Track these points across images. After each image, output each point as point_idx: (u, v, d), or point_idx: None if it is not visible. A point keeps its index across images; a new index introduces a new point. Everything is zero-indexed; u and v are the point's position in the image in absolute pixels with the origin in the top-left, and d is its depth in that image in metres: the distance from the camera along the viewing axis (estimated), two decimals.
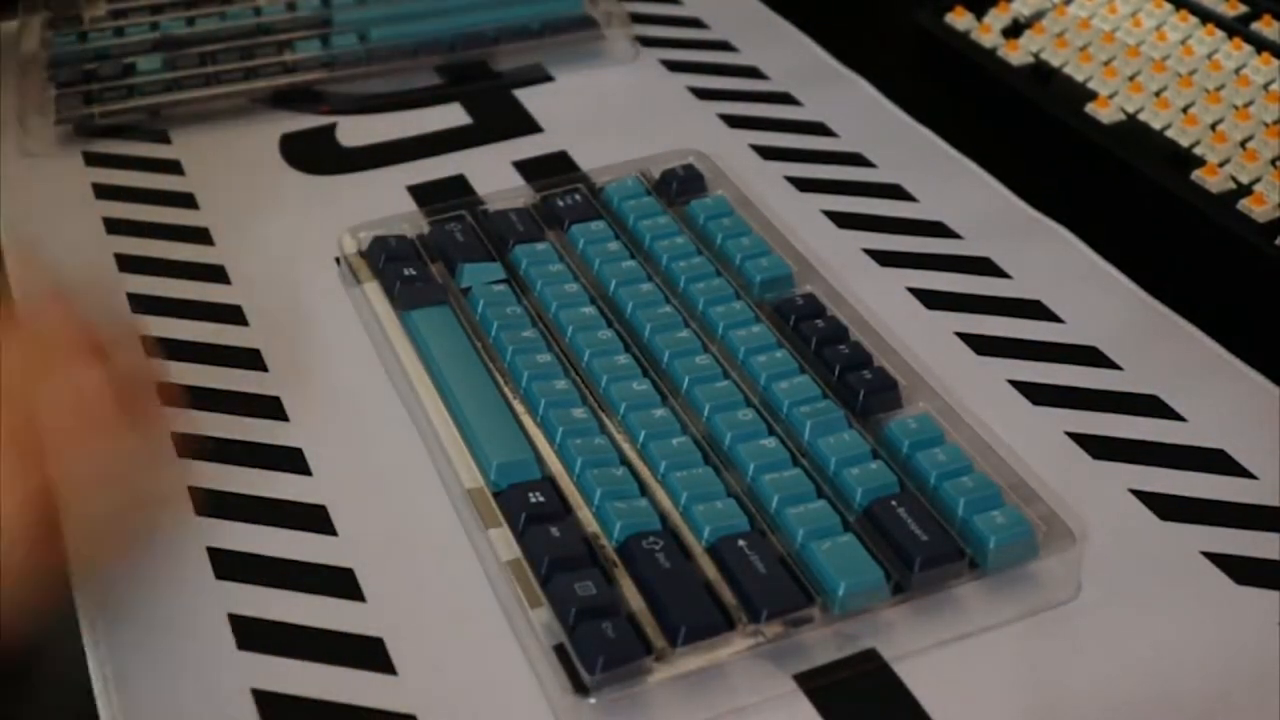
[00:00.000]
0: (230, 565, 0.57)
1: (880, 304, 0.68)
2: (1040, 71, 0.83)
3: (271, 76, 0.86)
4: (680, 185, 0.74)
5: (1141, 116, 0.78)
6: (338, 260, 0.71)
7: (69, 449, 0.50)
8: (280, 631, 0.54)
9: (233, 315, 0.70)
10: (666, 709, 0.51)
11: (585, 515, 0.55)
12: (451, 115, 0.84)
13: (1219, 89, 0.78)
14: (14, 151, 0.82)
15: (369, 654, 0.54)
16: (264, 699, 0.52)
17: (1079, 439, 0.61)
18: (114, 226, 0.77)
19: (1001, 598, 0.54)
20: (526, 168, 0.79)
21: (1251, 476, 0.59)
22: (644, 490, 0.56)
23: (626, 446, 0.58)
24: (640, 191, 0.73)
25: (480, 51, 0.89)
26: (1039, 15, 0.87)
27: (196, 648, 0.54)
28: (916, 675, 0.52)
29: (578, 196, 0.73)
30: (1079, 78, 0.82)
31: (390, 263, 0.69)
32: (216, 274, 0.73)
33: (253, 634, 0.54)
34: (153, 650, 0.54)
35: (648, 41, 0.91)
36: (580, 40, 0.89)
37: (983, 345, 0.66)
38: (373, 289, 0.69)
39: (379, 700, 0.52)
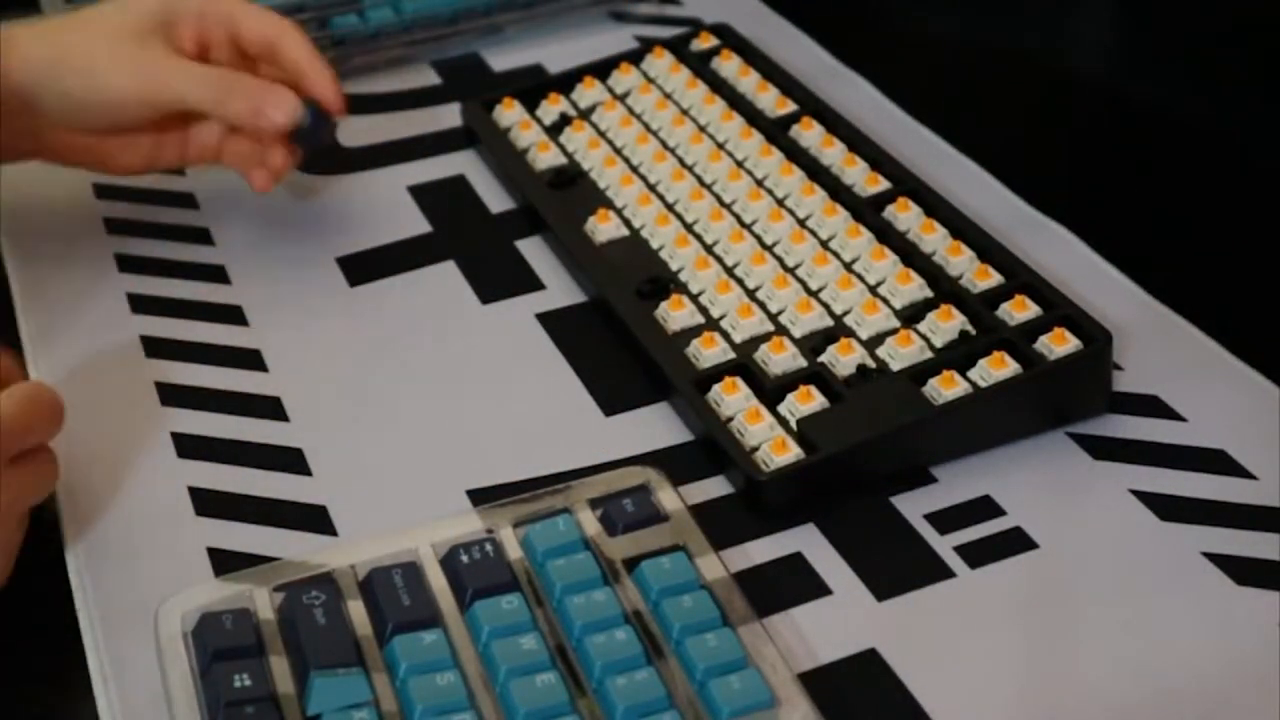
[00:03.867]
0: (231, 565, 0.57)
1: None
2: (564, 175, 0.76)
3: (321, 50, 0.87)
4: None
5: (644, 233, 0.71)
6: None
7: None
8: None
9: (233, 315, 0.70)
10: None
11: None
12: (451, 116, 0.84)
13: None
14: None
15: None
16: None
17: (1079, 439, 0.61)
18: (114, 227, 0.77)
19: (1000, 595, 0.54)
20: None
21: (1251, 477, 0.59)
22: None
23: None
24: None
25: (512, 16, 0.91)
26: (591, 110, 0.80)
27: None
28: (916, 675, 0.52)
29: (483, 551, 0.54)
30: (601, 184, 0.75)
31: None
32: (217, 274, 0.73)
33: None
34: (151, 649, 0.54)
35: (648, 41, 0.91)
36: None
37: None
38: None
39: None
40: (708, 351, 0.63)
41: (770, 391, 0.61)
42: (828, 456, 0.58)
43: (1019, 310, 0.63)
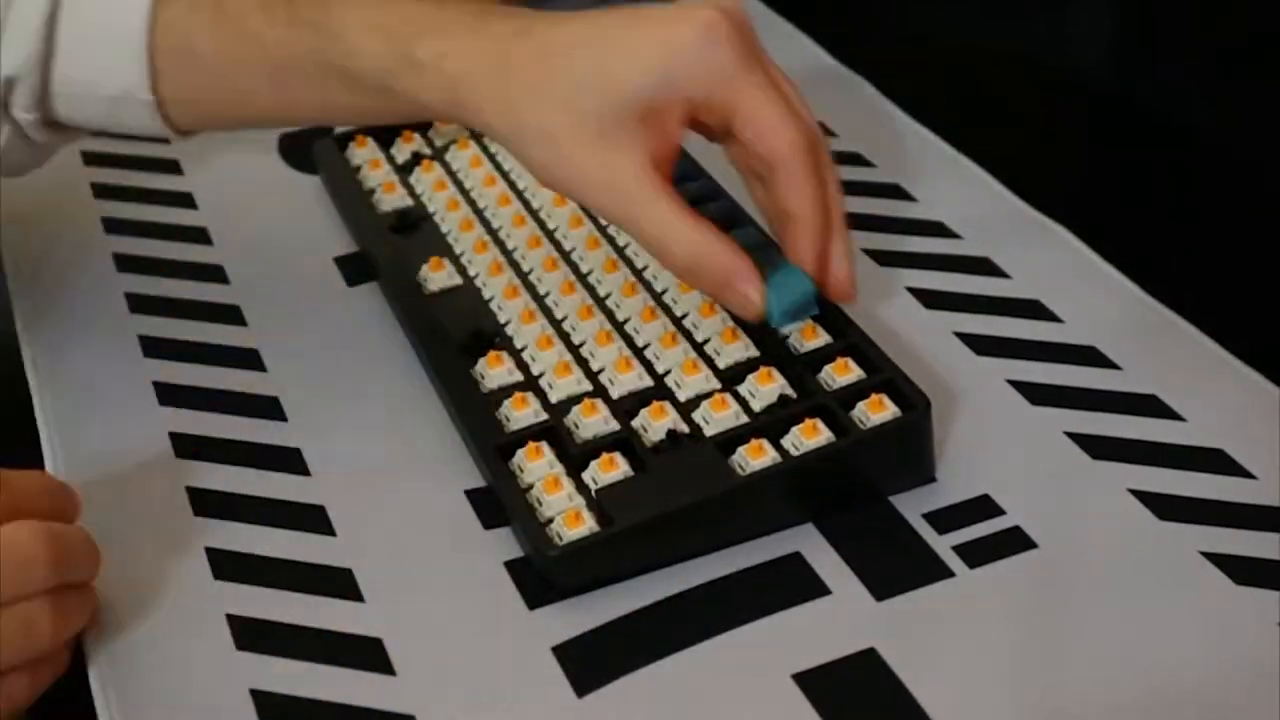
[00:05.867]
0: (229, 565, 0.57)
1: (880, 304, 0.68)
2: (407, 219, 0.73)
3: None
4: None
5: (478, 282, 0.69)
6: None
7: None
8: (279, 632, 0.54)
9: (232, 315, 0.70)
10: (660, 709, 0.51)
11: None
12: None
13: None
14: None
15: (368, 654, 0.53)
16: (263, 699, 0.52)
17: (1079, 439, 0.61)
18: (113, 226, 0.77)
19: (997, 594, 0.54)
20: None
21: (1251, 476, 0.59)
22: None
23: None
24: None
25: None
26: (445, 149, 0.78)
27: (195, 648, 0.54)
28: (916, 675, 0.52)
29: None
30: (443, 228, 0.72)
31: None
32: (216, 274, 0.73)
33: (252, 634, 0.54)
34: (151, 650, 0.54)
35: None
36: None
37: (982, 345, 0.66)
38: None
39: (378, 700, 0.52)
40: (518, 413, 0.60)
41: (576, 458, 0.58)
42: (622, 530, 0.55)
43: (841, 374, 0.59)
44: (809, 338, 0.62)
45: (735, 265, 0.57)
